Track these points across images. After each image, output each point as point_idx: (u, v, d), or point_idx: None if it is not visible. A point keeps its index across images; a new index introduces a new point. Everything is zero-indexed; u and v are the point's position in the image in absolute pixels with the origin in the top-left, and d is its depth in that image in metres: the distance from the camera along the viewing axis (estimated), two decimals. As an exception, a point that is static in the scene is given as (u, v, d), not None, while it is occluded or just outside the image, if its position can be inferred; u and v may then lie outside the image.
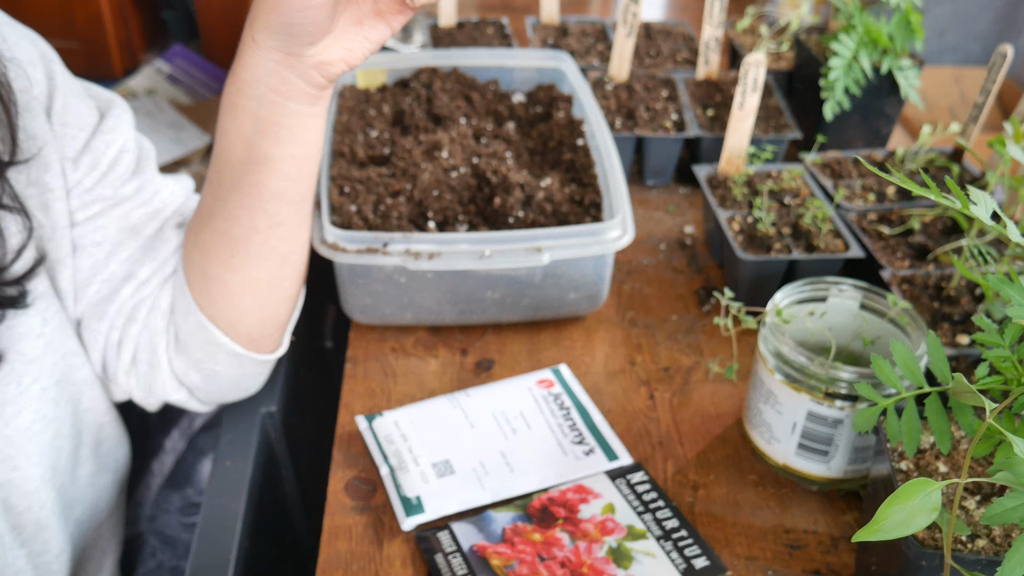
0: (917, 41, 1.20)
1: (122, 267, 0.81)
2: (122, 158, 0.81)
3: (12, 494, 0.76)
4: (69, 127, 0.77)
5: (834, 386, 0.78)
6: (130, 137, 0.82)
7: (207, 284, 0.79)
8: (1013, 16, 1.74)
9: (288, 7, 0.64)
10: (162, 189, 0.84)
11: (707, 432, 0.90)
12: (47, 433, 0.77)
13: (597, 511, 0.80)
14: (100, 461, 0.87)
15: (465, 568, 0.75)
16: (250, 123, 0.71)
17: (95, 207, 0.79)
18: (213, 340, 0.80)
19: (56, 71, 0.77)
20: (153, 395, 0.85)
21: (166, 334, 0.82)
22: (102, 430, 0.86)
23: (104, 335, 0.82)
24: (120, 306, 0.81)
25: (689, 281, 1.10)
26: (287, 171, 0.73)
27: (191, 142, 1.68)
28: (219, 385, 0.85)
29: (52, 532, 0.80)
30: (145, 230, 0.82)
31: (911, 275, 0.97)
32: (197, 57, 1.94)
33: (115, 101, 0.82)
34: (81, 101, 0.79)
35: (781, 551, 0.79)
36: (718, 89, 1.32)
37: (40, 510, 0.78)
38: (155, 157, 0.85)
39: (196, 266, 0.79)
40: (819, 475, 0.83)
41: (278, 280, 0.79)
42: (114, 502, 0.92)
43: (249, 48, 0.68)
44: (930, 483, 0.56)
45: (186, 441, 1.07)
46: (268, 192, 0.74)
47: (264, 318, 0.82)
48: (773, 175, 1.14)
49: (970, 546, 0.66)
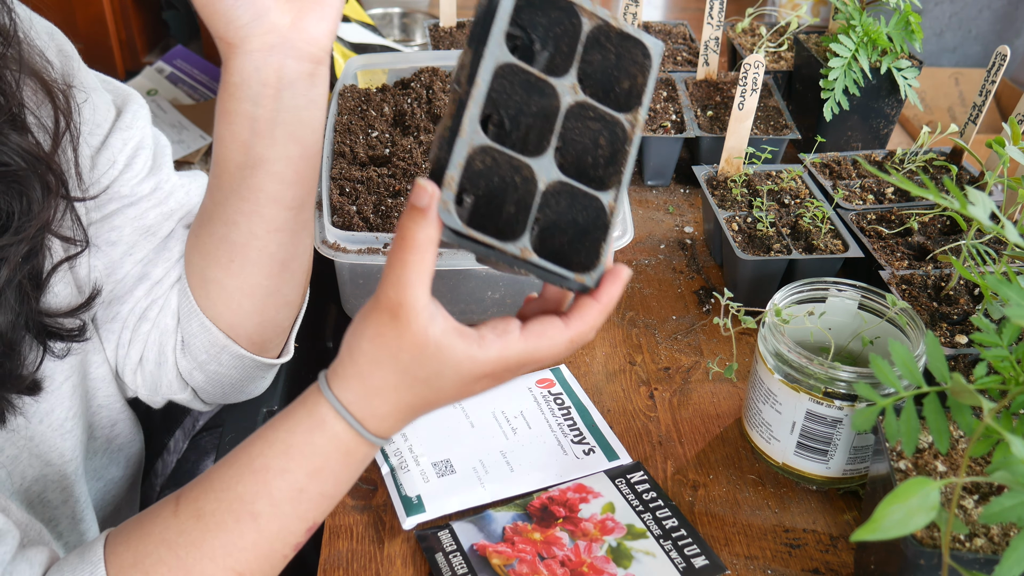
0: (916, 42, 1.21)
1: (136, 268, 0.81)
2: (139, 155, 0.80)
3: (47, 488, 0.77)
4: (86, 123, 0.77)
5: (833, 386, 0.78)
6: (147, 134, 0.81)
7: (207, 287, 0.79)
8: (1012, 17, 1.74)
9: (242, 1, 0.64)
10: (177, 189, 0.83)
11: (707, 432, 0.90)
12: (78, 429, 0.79)
13: (597, 510, 0.80)
14: (111, 456, 0.88)
15: (465, 567, 0.75)
16: (246, 126, 0.70)
17: (111, 206, 0.79)
18: (216, 342, 0.80)
19: (74, 67, 0.77)
20: (158, 393, 0.85)
21: (175, 334, 0.82)
22: (115, 427, 0.86)
23: (116, 334, 0.82)
24: (133, 306, 0.81)
25: (689, 281, 1.11)
26: (284, 174, 0.72)
27: (192, 142, 1.69)
28: (223, 387, 0.85)
29: (86, 525, 0.81)
30: (160, 231, 0.82)
31: (910, 275, 0.97)
32: (198, 58, 1.94)
33: (131, 96, 0.82)
34: (98, 97, 0.78)
35: (780, 550, 0.79)
36: (718, 90, 1.33)
37: (75, 505, 0.80)
38: (171, 153, 0.85)
39: (196, 268, 0.79)
40: (818, 474, 0.83)
41: (276, 286, 0.78)
42: (123, 498, 0.92)
43: (226, 52, 0.68)
44: (928, 482, 0.57)
45: (188, 441, 1.07)
46: (265, 196, 0.73)
47: (264, 322, 0.81)
48: (772, 175, 1.14)
49: (968, 545, 0.66)
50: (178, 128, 1.72)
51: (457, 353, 0.57)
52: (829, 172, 1.16)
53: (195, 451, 1.06)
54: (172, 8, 2.24)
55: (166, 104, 1.77)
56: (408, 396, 0.59)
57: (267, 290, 0.78)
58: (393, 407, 0.60)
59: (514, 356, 0.59)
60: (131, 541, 0.62)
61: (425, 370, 0.57)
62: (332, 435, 0.61)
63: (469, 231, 0.55)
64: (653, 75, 0.62)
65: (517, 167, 0.58)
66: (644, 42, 0.61)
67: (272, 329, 0.83)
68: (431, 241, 0.55)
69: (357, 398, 0.60)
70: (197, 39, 2.17)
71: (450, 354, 0.57)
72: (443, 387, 0.59)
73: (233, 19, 0.65)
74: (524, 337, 0.59)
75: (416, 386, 0.59)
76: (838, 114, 1.24)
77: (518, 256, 0.57)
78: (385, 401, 0.60)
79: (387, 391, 0.59)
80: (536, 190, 0.58)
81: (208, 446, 1.06)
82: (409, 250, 0.55)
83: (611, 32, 0.61)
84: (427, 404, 0.60)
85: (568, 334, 0.60)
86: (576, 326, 0.60)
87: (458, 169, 0.55)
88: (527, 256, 0.57)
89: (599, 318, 0.61)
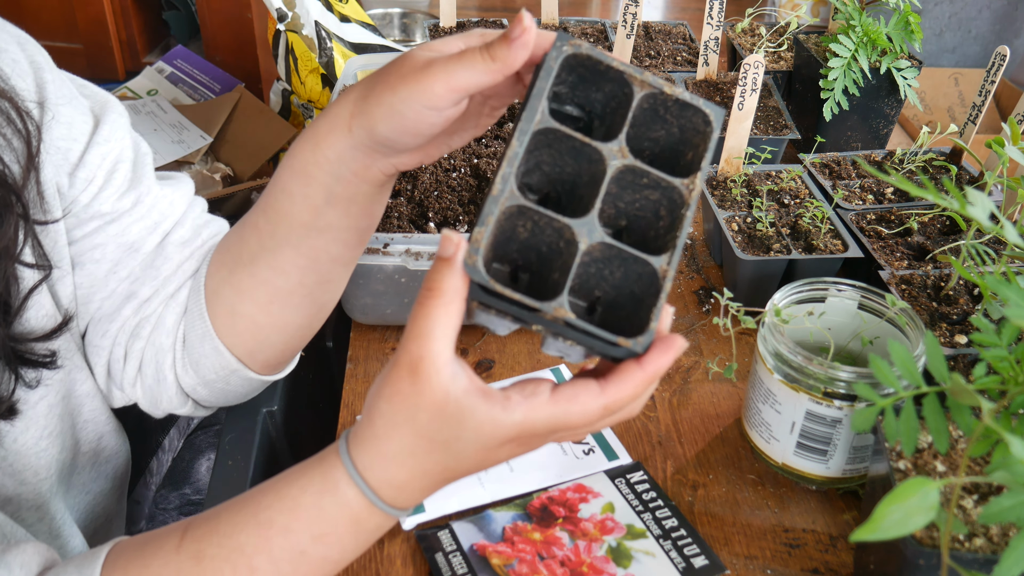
0: (916, 42, 1.21)
1: (122, 285, 0.79)
2: (118, 169, 0.77)
3: (21, 508, 0.76)
4: (63, 139, 0.73)
5: (833, 386, 0.78)
6: (127, 145, 0.78)
7: (235, 320, 0.78)
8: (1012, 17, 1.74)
9: (401, 130, 0.61)
10: (160, 200, 0.80)
11: (706, 432, 0.90)
12: (54, 448, 0.77)
13: (597, 510, 0.80)
14: (98, 469, 0.87)
15: (465, 567, 0.75)
16: (322, 195, 0.68)
17: (92, 224, 0.76)
18: (227, 366, 0.80)
19: (46, 80, 0.73)
20: (159, 408, 0.84)
21: (172, 351, 0.81)
22: (101, 440, 0.86)
23: (108, 350, 0.81)
24: (122, 324, 0.80)
25: (689, 281, 1.11)
26: (349, 240, 0.72)
27: (192, 143, 1.69)
28: (226, 398, 0.85)
29: (64, 540, 0.80)
30: (144, 246, 0.79)
31: (909, 275, 0.97)
32: (198, 58, 1.94)
33: (109, 104, 0.78)
34: (74, 108, 0.75)
35: (780, 550, 0.79)
36: (717, 90, 1.33)
37: (51, 522, 0.79)
38: (152, 161, 0.82)
39: (225, 301, 0.77)
40: (818, 474, 0.83)
41: (309, 323, 0.79)
42: (112, 509, 0.91)
43: (342, 133, 0.65)
44: (928, 482, 0.57)
45: (183, 440, 1.07)
46: (327, 256, 0.73)
47: (286, 351, 0.82)
48: (772, 175, 1.14)
49: (968, 545, 0.66)
50: (178, 128, 1.72)
51: (479, 415, 0.53)
52: (829, 172, 1.16)
53: (190, 450, 1.05)
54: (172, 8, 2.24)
55: (166, 104, 1.77)
56: (426, 462, 0.55)
57: (300, 327, 0.79)
58: (409, 474, 0.55)
59: (541, 421, 0.54)
60: (130, 569, 0.60)
61: (444, 433, 0.53)
62: (343, 501, 0.57)
63: (496, 286, 0.52)
64: (713, 141, 0.59)
65: (559, 229, 0.55)
66: (704, 110, 0.59)
67: (290, 354, 0.83)
68: (456, 292, 0.52)
69: (372, 463, 0.56)
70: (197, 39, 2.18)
71: (471, 416, 0.53)
72: (463, 452, 0.54)
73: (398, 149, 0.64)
74: (553, 401, 0.54)
75: (435, 451, 0.54)
76: (838, 114, 1.24)
77: (551, 316, 0.53)
78: (401, 467, 0.55)
79: (403, 456, 0.55)
80: (577, 251, 0.55)
81: (203, 445, 1.06)
82: (433, 300, 0.52)
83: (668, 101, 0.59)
84: (447, 471, 0.56)
85: (603, 400, 0.54)
86: (613, 392, 0.54)
87: (487, 226, 0.53)
88: (560, 315, 0.53)
89: (641, 386, 0.55)
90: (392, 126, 0.61)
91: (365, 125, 0.63)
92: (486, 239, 0.53)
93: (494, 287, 0.52)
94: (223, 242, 0.80)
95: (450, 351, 0.53)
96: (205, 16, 2.23)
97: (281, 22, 1.57)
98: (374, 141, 0.64)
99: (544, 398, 0.54)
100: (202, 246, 0.81)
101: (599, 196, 0.56)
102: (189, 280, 0.81)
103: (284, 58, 1.63)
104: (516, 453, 0.56)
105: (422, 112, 0.59)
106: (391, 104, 0.60)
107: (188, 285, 0.81)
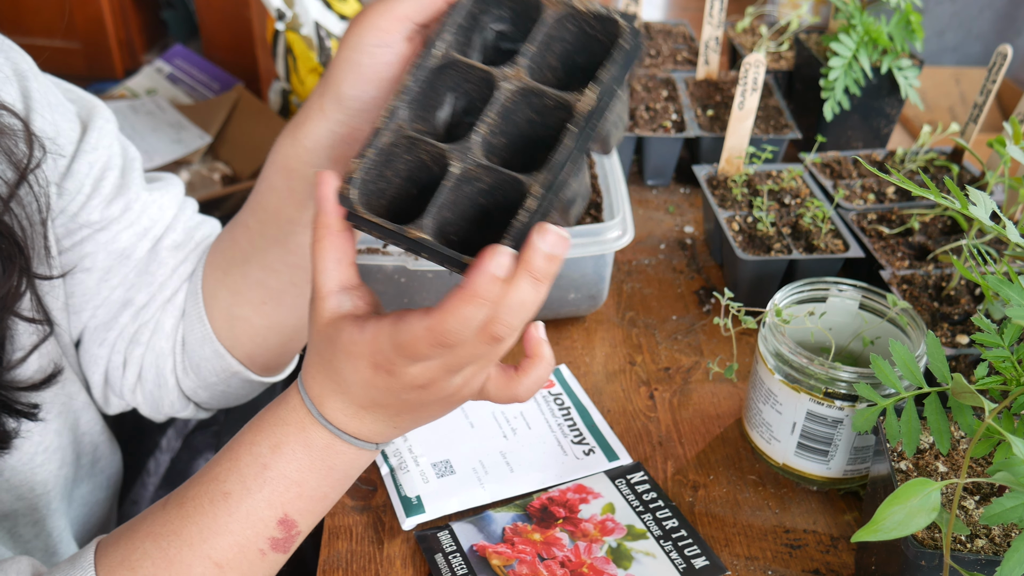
0: (917, 41, 1.20)
1: (115, 293, 0.78)
2: (106, 177, 0.76)
3: (19, 523, 0.75)
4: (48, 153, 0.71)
5: (834, 386, 0.78)
6: (114, 152, 0.77)
7: (232, 322, 0.78)
8: (1013, 16, 1.74)
9: (363, 80, 0.62)
10: (150, 205, 0.79)
11: (707, 432, 0.90)
12: (52, 463, 0.77)
13: (597, 511, 0.80)
14: (95, 480, 0.87)
15: (465, 568, 0.75)
16: (306, 187, 0.68)
17: (81, 233, 0.75)
18: (228, 368, 0.80)
19: (31, 88, 0.71)
20: (160, 412, 0.84)
21: (172, 355, 0.81)
22: (97, 450, 0.85)
23: (106, 359, 0.81)
24: (120, 332, 0.80)
25: (689, 281, 1.11)
26: None
27: (191, 142, 1.69)
28: (227, 400, 0.85)
29: (60, 557, 0.80)
30: (136, 253, 0.78)
31: (910, 275, 0.97)
32: (197, 57, 1.94)
33: (96, 108, 0.77)
34: (60, 116, 0.73)
35: (781, 551, 0.79)
36: (718, 89, 1.32)
37: (48, 538, 0.78)
38: (140, 165, 0.81)
39: (221, 304, 0.77)
40: (819, 475, 0.83)
41: (304, 324, 0.78)
42: (106, 518, 0.91)
43: (316, 117, 0.65)
44: (929, 483, 0.56)
45: (181, 440, 1.07)
46: None
47: (284, 352, 0.81)
48: (773, 175, 1.14)
49: (969, 546, 0.66)
50: (177, 127, 1.72)
51: (344, 335, 0.56)
52: (830, 172, 1.16)
53: (188, 450, 1.05)
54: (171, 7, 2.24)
55: (165, 103, 1.77)
56: (325, 381, 0.59)
57: (295, 328, 0.79)
58: (320, 388, 0.59)
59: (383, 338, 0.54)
60: (120, 541, 0.61)
61: (326, 353, 0.58)
62: (291, 406, 0.60)
63: (362, 212, 0.55)
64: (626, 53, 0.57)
65: (436, 155, 0.57)
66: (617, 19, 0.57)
67: (290, 356, 0.83)
68: (333, 226, 0.56)
69: (303, 376, 0.60)
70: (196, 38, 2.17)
71: (338, 335, 0.56)
72: (342, 371, 0.57)
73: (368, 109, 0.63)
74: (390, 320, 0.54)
75: (324, 368, 0.58)
76: (839, 114, 1.24)
77: (408, 236, 0.55)
78: (313, 380, 0.59)
79: (313, 370, 0.59)
80: (447, 175, 0.56)
81: (202, 444, 1.06)
82: (316, 237, 0.56)
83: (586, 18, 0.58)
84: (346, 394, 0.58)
85: (426, 321, 0.51)
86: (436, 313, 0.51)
87: (365, 158, 0.56)
88: (413, 235, 0.54)
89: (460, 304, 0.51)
90: (353, 80, 0.62)
91: (333, 95, 0.64)
92: (362, 171, 0.56)
93: (361, 213, 0.55)
94: (216, 243, 0.79)
95: (336, 282, 0.57)
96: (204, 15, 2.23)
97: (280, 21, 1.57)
98: (345, 109, 0.64)
99: (387, 319, 0.54)
100: (196, 248, 0.81)
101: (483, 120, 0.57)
102: (185, 283, 0.80)
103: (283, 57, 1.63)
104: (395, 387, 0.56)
105: (375, 52, 0.61)
106: (347, 59, 0.62)
107: (184, 288, 0.80)
